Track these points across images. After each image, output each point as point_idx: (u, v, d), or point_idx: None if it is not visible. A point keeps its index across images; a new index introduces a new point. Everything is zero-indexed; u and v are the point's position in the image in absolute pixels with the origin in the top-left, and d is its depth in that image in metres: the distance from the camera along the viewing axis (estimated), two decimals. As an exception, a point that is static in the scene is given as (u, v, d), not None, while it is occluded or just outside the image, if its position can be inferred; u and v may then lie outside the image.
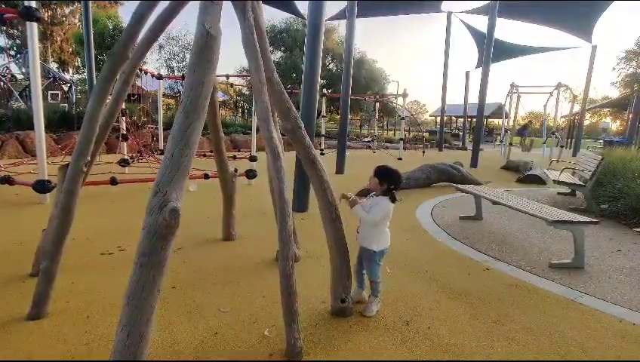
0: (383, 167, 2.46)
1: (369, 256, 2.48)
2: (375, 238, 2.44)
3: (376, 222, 2.41)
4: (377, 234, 2.45)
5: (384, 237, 2.48)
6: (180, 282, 2.81)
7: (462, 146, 23.52)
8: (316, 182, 2.35)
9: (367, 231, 2.46)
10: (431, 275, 3.21)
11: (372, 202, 2.46)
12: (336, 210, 2.36)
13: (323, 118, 14.94)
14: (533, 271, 3.40)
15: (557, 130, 18.65)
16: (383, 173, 2.42)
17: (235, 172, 3.68)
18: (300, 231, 3.66)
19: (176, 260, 3.29)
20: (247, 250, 3.60)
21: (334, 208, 2.35)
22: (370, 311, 2.47)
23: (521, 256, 3.79)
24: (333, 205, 2.34)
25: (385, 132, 32.48)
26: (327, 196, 2.32)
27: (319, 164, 2.34)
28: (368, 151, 16.62)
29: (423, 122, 38.79)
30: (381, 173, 2.42)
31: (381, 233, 2.46)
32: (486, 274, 3.29)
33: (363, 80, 27.42)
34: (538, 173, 9.37)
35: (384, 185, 2.41)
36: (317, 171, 2.33)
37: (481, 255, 3.75)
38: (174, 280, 2.83)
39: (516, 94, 16.39)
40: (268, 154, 2.04)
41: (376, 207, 2.41)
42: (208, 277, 2.95)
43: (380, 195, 2.44)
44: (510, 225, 4.94)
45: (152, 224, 1.71)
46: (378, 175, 2.42)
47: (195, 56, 1.85)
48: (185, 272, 3.02)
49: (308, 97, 5.17)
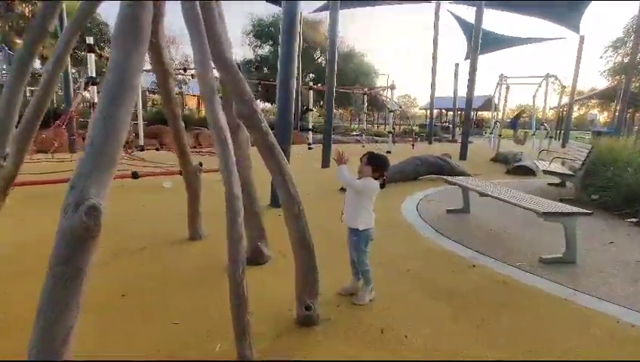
0: (373, 153, 2.48)
1: (355, 236, 2.46)
2: (360, 216, 2.42)
3: (359, 188, 2.40)
4: (361, 212, 2.43)
5: (369, 216, 2.46)
6: (132, 289, 2.52)
7: (452, 139, 23.41)
8: (276, 173, 2.07)
9: (352, 209, 2.45)
10: (413, 274, 2.96)
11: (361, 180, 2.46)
12: (299, 205, 2.09)
13: (310, 111, 14.66)
14: (522, 266, 3.17)
15: (546, 121, 18.58)
16: (373, 159, 2.43)
17: (201, 165, 3.38)
18: (275, 228, 3.38)
19: (135, 262, 3.00)
20: (213, 250, 3.31)
21: (297, 203, 2.08)
22: (362, 299, 2.46)
23: (510, 250, 3.56)
24: (296, 199, 2.07)
25: (375, 126, 32.29)
26: (288, 189, 2.05)
27: (279, 152, 2.07)
28: (357, 146, 16.34)
29: (413, 116, 38.67)
30: (372, 158, 2.43)
31: (365, 211, 2.44)
32: (472, 272, 3.05)
33: (352, 73, 27.17)
34: (527, 164, 9.19)
35: (375, 173, 2.41)
36: (276, 160, 2.05)
37: (467, 250, 3.52)
38: (125, 286, 2.54)
39: (505, 85, 16.23)
40: (215, 141, 1.76)
41: (364, 180, 2.41)
42: (167, 282, 2.67)
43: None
44: (499, 218, 4.73)
45: (67, 226, 1.42)
46: (369, 161, 2.42)
47: (120, 29, 1.55)
48: (141, 276, 2.73)
49: (284, 89, 4.87)
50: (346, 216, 2.48)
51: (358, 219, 2.41)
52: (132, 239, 3.44)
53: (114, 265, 2.93)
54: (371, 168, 2.39)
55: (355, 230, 2.43)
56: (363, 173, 2.41)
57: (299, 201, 2.09)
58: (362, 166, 2.42)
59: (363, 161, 2.43)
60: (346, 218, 2.48)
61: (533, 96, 17.89)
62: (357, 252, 2.46)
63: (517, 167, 9.22)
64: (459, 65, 23.90)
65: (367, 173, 2.40)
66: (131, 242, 3.36)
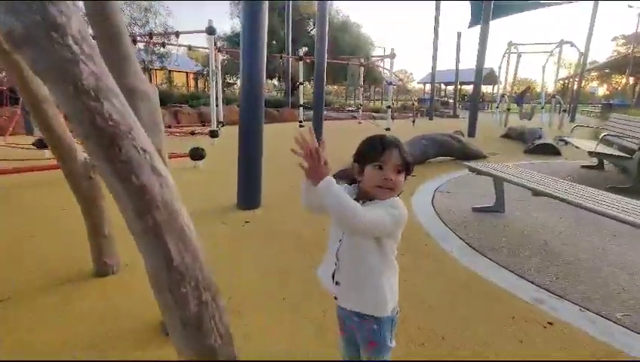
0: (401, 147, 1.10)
1: (373, 325, 1.13)
2: (383, 288, 1.10)
3: (388, 228, 1.04)
4: (384, 278, 1.10)
5: (394, 277, 1.15)
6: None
7: (453, 114, 22.07)
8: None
9: (363, 273, 1.10)
10: (448, 343, 1.73)
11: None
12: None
13: (301, 85, 13.16)
14: (627, 320, 1.94)
15: (557, 93, 17.19)
16: (406, 161, 1.10)
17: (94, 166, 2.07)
18: (242, 236, 2.12)
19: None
20: (131, 295, 2.06)
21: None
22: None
23: (591, 281, 2.33)
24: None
25: (372, 102, 30.76)
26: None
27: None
28: (353, 122, 14.97)
29: (411, 90, 37.00)
30: (406, 159, 1.10)
31: (390, 270, 1.13)
32: (553, 337, 1.81)
33: (347, 46, 25.51)
34: (552, 142, 7.92)
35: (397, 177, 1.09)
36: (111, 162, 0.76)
37: (529, 286, 2.26)
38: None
39: (516, 53, 14.73)
40: None
41: (383, 207, 1.05)
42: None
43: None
44: (550, 221, 3.48)
45: None
46: (406, 163, 1.10)
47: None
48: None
49: (250, 56, 3.49)
50: (345, 288, 1.13)
51: (377, 296, 1.10)
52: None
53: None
54: (401, 171, 1.09)
55: (379, 318, 1.12)
56: (367, 182, 1.09)
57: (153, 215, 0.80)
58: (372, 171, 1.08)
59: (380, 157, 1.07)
60: (346, 293, 1.13)
61: (543, 66, 16.43)
62: (376, 351, 1.16)
63: (538, 145, 7.94)
64: (461, 35, 22.20)
65: (375, 181, 1.07)
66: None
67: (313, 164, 1.01)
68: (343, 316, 1.21)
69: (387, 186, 1.06)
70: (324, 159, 1.01)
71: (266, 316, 1.91)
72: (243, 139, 3.63)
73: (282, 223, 3.26)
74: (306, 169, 1.03)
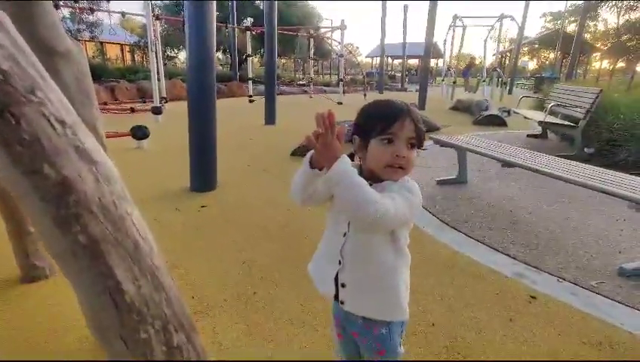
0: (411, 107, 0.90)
1: (382, 329, 0.95)
2: (397, 288, 0.92)
3: (406, 216, 0.84)
4: (399, 276, 0.93)
5: (406, 273, 0.96)
6: None
7: (401, 88, 22.40)
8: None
9: (375, 272, 0.91)
10: (439, 330, 1.62)
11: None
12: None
13: (249, 57, 12.45)
14: (603, 288, 1.96)
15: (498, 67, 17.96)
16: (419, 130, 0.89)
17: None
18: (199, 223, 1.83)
19: None
20: (72, 301, 1.71)
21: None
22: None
23: (561, 251, 2.35)
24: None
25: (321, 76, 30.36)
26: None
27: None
28: (304, 97, 14.60)
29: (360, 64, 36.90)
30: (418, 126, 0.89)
31: (405, 260, 0.94)
32: (537, 313, 1.77)
33: (295, 19, 24.68)
34: (497, 113, 8.22)
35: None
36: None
37: (506, 259, 2.23)
38: None
39: (461, 26, 15.05)
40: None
41: (398, 192, 0.84)
42: None
43: None
44: (511, 191, 3.52)
45: None
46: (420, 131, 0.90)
47: None
48: None
49: (197, 23, 3.05)
50: (354, 291, 0.93)
51: (393, 298, 0.92)
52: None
53: None
54: (414, 146, 0.88)
55: (392, 323, 0.95)
56: (373, 160, 0.87)
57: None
58: (363, 145, 0.89)
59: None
60: (354, 297, 0.93)
61: (484, 40, 17.00)
62: (385, 356, 0.98)
63: (486, 116, 8.21)
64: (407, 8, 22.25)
65: (385, 159, 0.85)
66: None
67: (326, 139, 0.76)
68: (344, 320, 1.02)
69: (398, 164, 0.86)
70: (337, 132, 0.77)
71: (237, 315, 1.67)
72: (194, 115, 3.24)
73: (243, 205, 2.98)
74: (317, 146, 0.78)
